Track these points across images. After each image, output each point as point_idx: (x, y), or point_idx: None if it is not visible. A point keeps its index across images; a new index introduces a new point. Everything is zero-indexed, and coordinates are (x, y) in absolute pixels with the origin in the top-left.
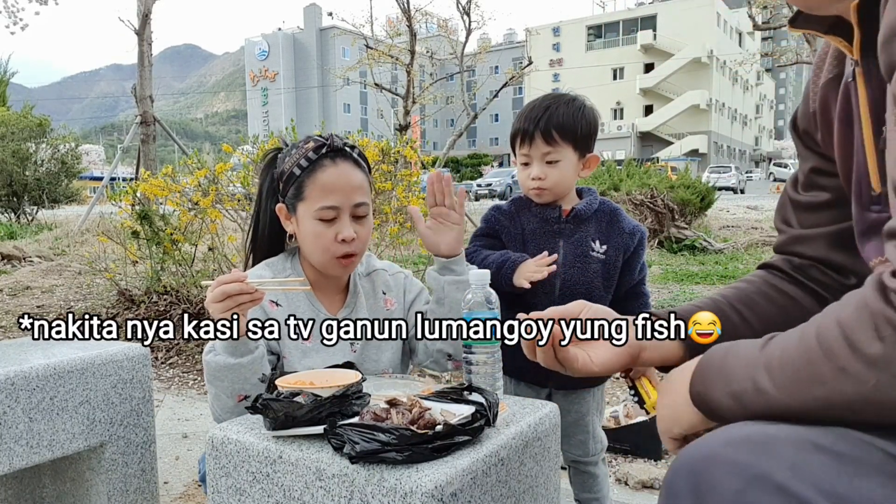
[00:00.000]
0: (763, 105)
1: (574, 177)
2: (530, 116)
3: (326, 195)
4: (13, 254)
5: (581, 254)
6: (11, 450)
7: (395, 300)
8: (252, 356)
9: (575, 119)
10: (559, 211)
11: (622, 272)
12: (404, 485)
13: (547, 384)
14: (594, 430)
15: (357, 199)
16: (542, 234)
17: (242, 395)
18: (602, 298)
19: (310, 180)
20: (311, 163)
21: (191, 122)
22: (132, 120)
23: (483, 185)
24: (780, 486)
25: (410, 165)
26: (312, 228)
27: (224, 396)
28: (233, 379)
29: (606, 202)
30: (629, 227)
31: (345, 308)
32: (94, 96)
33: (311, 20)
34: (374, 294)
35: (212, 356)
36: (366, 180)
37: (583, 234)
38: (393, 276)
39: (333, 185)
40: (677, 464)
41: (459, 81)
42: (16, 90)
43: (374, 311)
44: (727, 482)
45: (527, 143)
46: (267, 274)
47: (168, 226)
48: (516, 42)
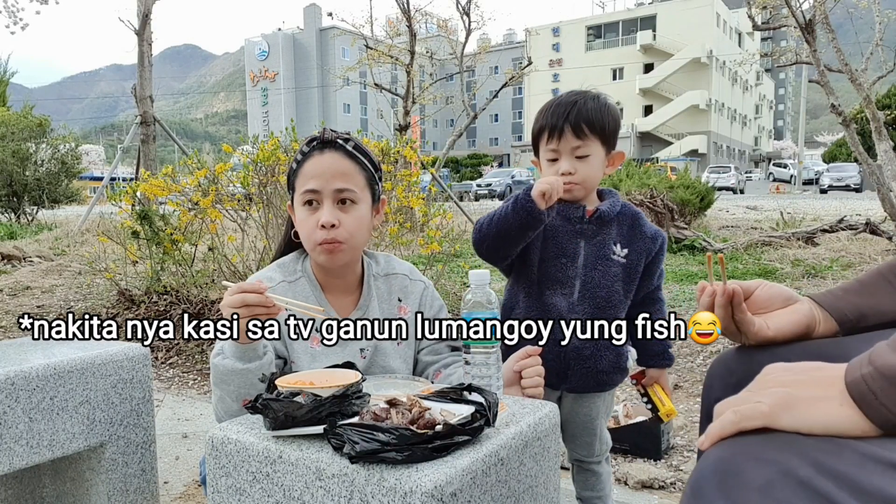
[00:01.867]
0: (763, 105)
1: (601, 173)
2: (557, 112)
3: (308, 180)
4: (13, 254)
5: (602, 256)
6: (11, 450)
7: (409, 309)
8: (260, 361)
9: (602, 114)
10: (583, 211)
11: (642, 277)
12: (404, 485)
13: (560, 387)
14: (601, 432)
15: (339, 185)
16: (564, 234)
17: (248, 401)
18: (622, 303)
19: (300, 172)
20: (304, 155)
21: (191, 122)
22: (132, 120)
23: (483, 186)
24: (803, 481)
25: (410, 165)
26: (299, 216)
27: (229, 400)
28: (239, 383)
29: (628, 205)
30: (651, 231)
31: (357, 310)
32: (94, 96)
33: (311, 20)
34: (388, 298)
35: (220, 359)
36: (358, 171)
37: (605, 237)
38: (413, 282)
39: (314, 171)
40: (704, 463)
41: (459, 81)
42: (16, 90)
43: (387, 315)
44: (753, 477)
45: (555, 138)
46: (277, 276)
47: (168, 226)
48: (516, 42)
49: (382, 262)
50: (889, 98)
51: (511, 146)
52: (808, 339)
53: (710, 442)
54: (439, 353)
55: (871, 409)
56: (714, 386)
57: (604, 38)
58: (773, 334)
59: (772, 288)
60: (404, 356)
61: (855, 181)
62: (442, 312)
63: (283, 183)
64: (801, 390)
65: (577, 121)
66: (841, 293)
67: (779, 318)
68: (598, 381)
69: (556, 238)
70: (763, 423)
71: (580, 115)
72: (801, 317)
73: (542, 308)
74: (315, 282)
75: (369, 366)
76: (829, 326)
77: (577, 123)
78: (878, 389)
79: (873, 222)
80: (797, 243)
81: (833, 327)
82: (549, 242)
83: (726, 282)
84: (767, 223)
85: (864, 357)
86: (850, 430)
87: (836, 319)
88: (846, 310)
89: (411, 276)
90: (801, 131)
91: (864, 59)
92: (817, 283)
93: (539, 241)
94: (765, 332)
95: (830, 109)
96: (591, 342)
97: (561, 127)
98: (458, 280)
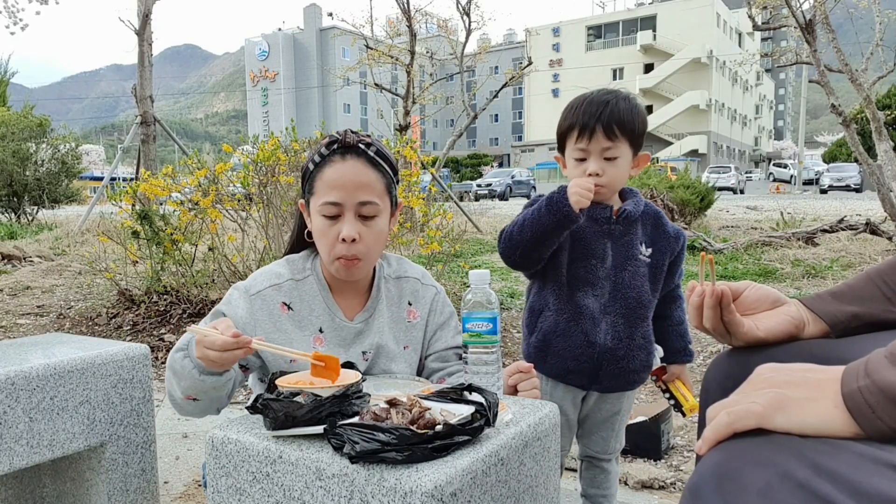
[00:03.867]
0: (763, 105)
1: (627, 175)
2: (589, 111)
3: (330, 190)
4: (13, 254)
5: (630, 256)
6: (11, 449)
7: (419, 314)
8: (217, 379)
9: (633, 115)
10: (610, 211)
11: (666, 276)
12: (404, 485)
13: (590, 387)
14: (619, 430)
15: (362, 198)
16: (592, 234)
17: (192, 398)
18: (650, 303)
19: (319, 175)
20: (323, 158)
21: (191, 122)
22: (132, 120)
23: (483, 186)
24: (801, 483)
25: (410, 165)
26: (318, 225)
27: (176, 389)
28: (190, 385)
29: (650, 205)
30: (673, 231)
31: (363, 312)
32: (95, 96)
33: (311, 20)
34: (398, 301)
35: (180, 356)
36: (379, 180)
37: (631, 237)
38: (424, 287)
39: (336, 181)
40: (702, 467)
41: (459, 81)
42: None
43: (395, 319)
44: (751, 481)
45: (585, 138)
46: (285, 272)
47: (168, 226)
48: (516, 42)
49: (395, 264)
50: (889, 98)
51: (511, 146)
52: (796, 341)
53: (706, 446)
54: (446, 360)
55: (867, 422)
56: (711, 389)
57: (604, 39)
58: (763, 335)
59: (760, 290)
60: (409, 361)
61: (855, 181)
62: (452, 319)
63: (283, 183)
64: (795, 391)
65: (608, 122)
66: (829, 297)
67: (767, 319)
68: (629, 381)
69: (584, 239)
70: (756, 424)
71: (612, 115)
72: (789, 318)
73: (574, 310)
74: (324, 282)
75: (371, 368)
76: (818, 328)
77: (609, 124)
78: (875, 403)
79: (873, 222)
80: (797, 243)
81: (821, 329)
82: (578, 244)
83: (715, 283)
84: (767, 223)
85: (860, 367)
86: (843, 431)
87: (827, 322)
88: (836, 313)
89: (423, 280)
90: (801, 131)
91: (865, 59)
92: (817, 284)
93: (568, 243)
94: (755, 333)
95: (830, 109)
96: (625, 342)
97: (592, 127)
98: (458, 280)
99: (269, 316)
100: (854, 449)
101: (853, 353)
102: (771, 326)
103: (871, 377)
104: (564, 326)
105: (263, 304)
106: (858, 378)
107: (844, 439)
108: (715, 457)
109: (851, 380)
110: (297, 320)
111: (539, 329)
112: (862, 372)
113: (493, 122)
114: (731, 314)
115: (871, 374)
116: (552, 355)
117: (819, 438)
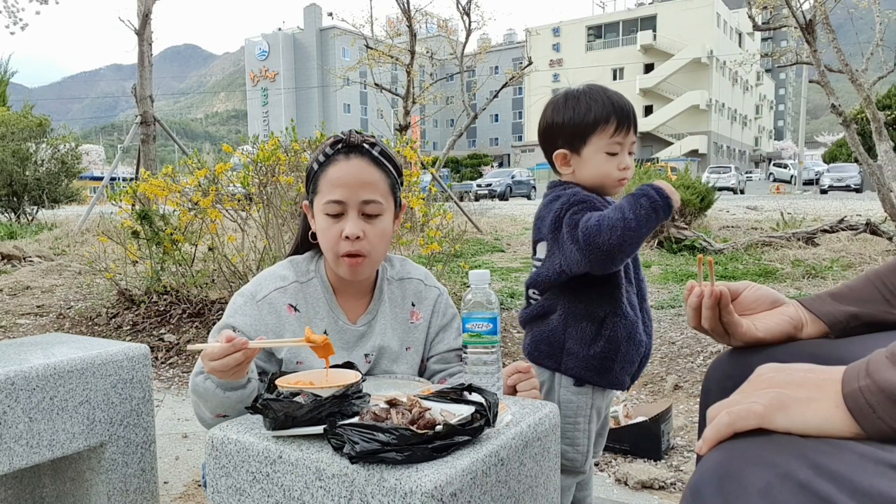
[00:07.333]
0: (763, 105)
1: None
2: (622, 103)
3: (333, 189)
4: (13, 254)
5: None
6: (11, 450)
7: (422, 315)
8: (241, 392)
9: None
10: None
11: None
12: (404, 485)
13: (628, 386)
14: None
15: (365, 196)
16: None
17: (222, 415)
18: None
19: (323, 175)
20: (327, 158)
21: (191, 122)
22: (132, 120)
23: (483, 186)
24: (802, 483)
25: (410, 165)
26: (321, 224)
27: (205, 411)
28: (218, 404)
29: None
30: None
31: (366, 314)
32: (95, 96)
33: (311, 20)
34: (401, 303)
35: (201, 379)
36: (383, 179)
37: None
38: (427, 288)
39: (340, 180)
40: (703, 467)
41: (459, 81)
42: (16, 90)
43: (398, 320)
44: (752, 481)
45: (623, 131)
46: (290, 275)
47: (168, 226)
48: (516, 42)
49: (398, 265)
50: (889, 98)
51: (511, 146)
52: (794, 341)
53: (707, 447)
54: (448, 362)
55: (868, 422)
56: (711, 389)
57: (604, 39)
58: (762, 335)
59: (759, 290)
60: (411, 362)
61: (855, 181)
62: (455, 321)
63: (283, 183)
64: (795, 391)
65: (636, 117)
66: (828, 297)
67: (766, 320)
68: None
69: None
70: (757, 424)
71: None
72: (788, 318)
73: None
74: (328, 284)
75: (373, 370)
76: (816, 329)
77: (636, 120)
78: (877, 404)
79: (873, 223)
80: (797, 244)
81: (820, 329)
82: None
83: (714, 283)
84: (768, 223)
85: (861, 367)
86: (844, 431)
87: (826, 322)
88: (835, 313)
89: (426, 281)
90: (801, 131)
91: (865, 59)
92: (817, 284)
93: None
94: (753, 333)
95: (831, 110)
96: (652, 338)
97: (631, 121)
98: (458, 280)
99: (278, 319)
100: (855, 449)
101: (852, 354)
102: (769, 327)
103: (872, 377)
104: (632, 330)
105: (271, 307)
106: (859, 378)
107: (845, 439)
108: (716, 457)
109: (852, 380)
110: (303, 322)
111: (604, 336)
112: (863, 372)
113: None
114: (730, 314)
115: (872, 374)
116: (619, 362)
117: (820, 439)
